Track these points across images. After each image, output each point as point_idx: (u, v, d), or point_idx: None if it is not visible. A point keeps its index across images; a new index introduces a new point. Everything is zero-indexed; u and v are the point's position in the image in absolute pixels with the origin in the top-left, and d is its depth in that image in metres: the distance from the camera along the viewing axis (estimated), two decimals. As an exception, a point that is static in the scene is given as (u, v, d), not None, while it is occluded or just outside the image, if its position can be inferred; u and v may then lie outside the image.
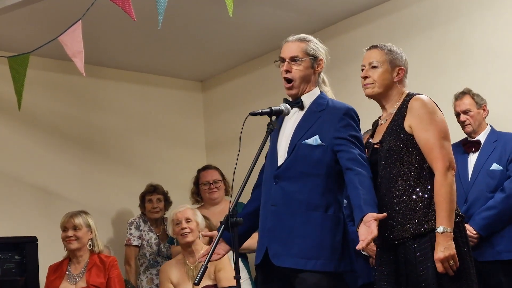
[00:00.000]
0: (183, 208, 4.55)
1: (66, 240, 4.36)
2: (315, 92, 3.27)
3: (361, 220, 2.86)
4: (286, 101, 3.25)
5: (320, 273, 3.05)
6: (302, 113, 3.22)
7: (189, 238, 4.39)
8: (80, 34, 4.06)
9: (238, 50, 6.01)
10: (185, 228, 4.40)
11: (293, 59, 3.22)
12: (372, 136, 3.19)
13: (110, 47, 5.74)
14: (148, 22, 4.66)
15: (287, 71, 3.22)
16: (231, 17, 3.77)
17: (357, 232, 2.87)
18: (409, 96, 3.05)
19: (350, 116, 3.16)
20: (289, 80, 3.23)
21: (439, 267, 2.78)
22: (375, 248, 4.06)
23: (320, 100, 3.23)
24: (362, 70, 3.14)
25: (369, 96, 3.14)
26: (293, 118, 3.25)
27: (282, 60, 3.26)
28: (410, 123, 2.96)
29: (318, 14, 5.34)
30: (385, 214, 2.83)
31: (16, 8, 4.54)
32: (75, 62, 4.09)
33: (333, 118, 3.15)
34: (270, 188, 3.18)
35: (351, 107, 3.20)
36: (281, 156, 3.20)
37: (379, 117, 3.19)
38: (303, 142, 3.15)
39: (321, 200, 3.12)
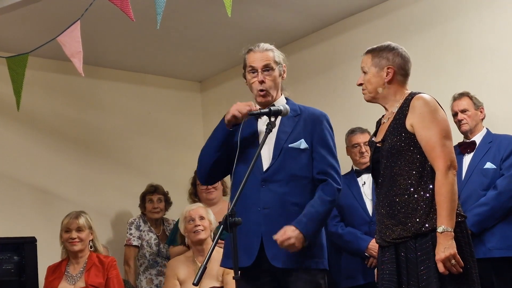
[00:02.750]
0: (196, 206, 4.54)
1: (69, 241, 4.30)
2: (283, 98, 3.36)
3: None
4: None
5: (314, 270, 3.14)
6: (278, 118, 3.22)
7: (202, 235, 4.34)
8: (79, 34, 4.06)
9: (237, 50, 5.90)
10: (199, 225, 4.36)
11: (266, 69, 3.29)
12: (375, 134, 3.19)
13: (109, 48, 5.74)
14: (147, 23, 4.66)
15: (262, 82, 3.27)
16: (229, 17, 3.77)
17: None
18: (411, 95, 3.03)
19: (328, 123, 3.32)
20: (263, 90, 3.29)
21: (441, 267, 2.77)
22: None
23: (291, 106, 3.31)
24: None
25: (367, 101, 3.18)
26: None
27: (254, 70, 3.29)
28: (412, 121, 2.95)
29: (316, 15, 5.34)
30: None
31: (15, 8, 4.54)
32: (73, 62, 4.09)
33: (314, 124, 3.27)
34: (257, 191, 3.21)
35: (325, 113, 3.35)
36: (266, 160, 3.23)
37: (382, 116, 3.18)
38: (289, 145, 3.23)
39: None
